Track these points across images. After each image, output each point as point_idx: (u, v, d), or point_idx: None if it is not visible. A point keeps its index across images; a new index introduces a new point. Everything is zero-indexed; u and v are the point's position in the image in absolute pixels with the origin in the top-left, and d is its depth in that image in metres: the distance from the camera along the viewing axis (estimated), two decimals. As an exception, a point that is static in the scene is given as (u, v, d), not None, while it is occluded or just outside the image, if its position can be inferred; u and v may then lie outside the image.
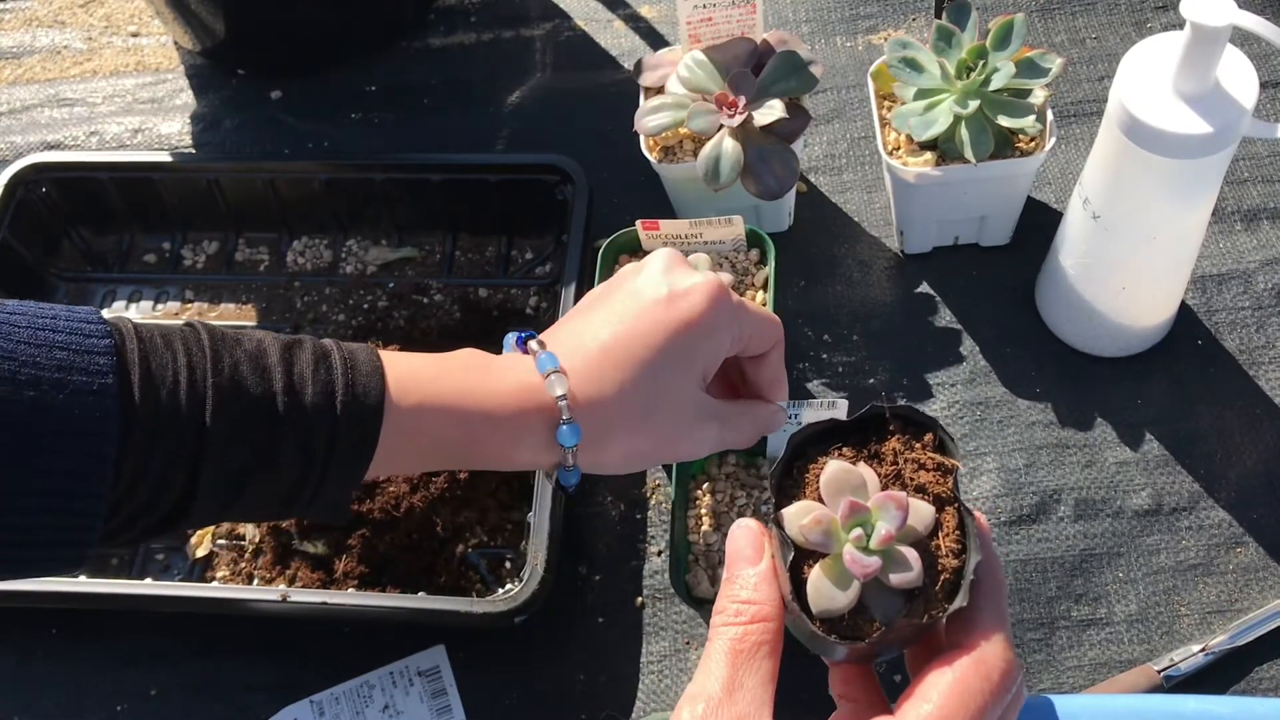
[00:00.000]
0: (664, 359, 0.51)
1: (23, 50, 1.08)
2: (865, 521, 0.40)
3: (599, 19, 1.03)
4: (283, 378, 0.48)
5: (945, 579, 0.40)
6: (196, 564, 0.77)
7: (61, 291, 0.91)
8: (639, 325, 0.52)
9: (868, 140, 0.91)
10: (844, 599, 0.40)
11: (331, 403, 0.48)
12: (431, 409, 0.50)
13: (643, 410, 0.52)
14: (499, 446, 0.52)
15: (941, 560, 0.41)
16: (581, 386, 0.51)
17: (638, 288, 0.54)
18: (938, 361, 0.80)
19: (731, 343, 0.54)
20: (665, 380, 0.52)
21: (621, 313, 0.53)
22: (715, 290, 0.53)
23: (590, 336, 0.53)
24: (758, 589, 0.44)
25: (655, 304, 0.53)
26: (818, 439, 0.44)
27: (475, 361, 0.54)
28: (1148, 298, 0.75)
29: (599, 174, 0.87)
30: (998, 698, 0.40)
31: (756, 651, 0.42)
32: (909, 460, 0.43)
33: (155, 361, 0.45)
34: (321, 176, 0.88)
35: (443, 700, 0.70)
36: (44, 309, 0.45)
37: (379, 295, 0.88)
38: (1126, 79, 0.64)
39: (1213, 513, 0.73)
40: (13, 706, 0.73)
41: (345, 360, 0.50)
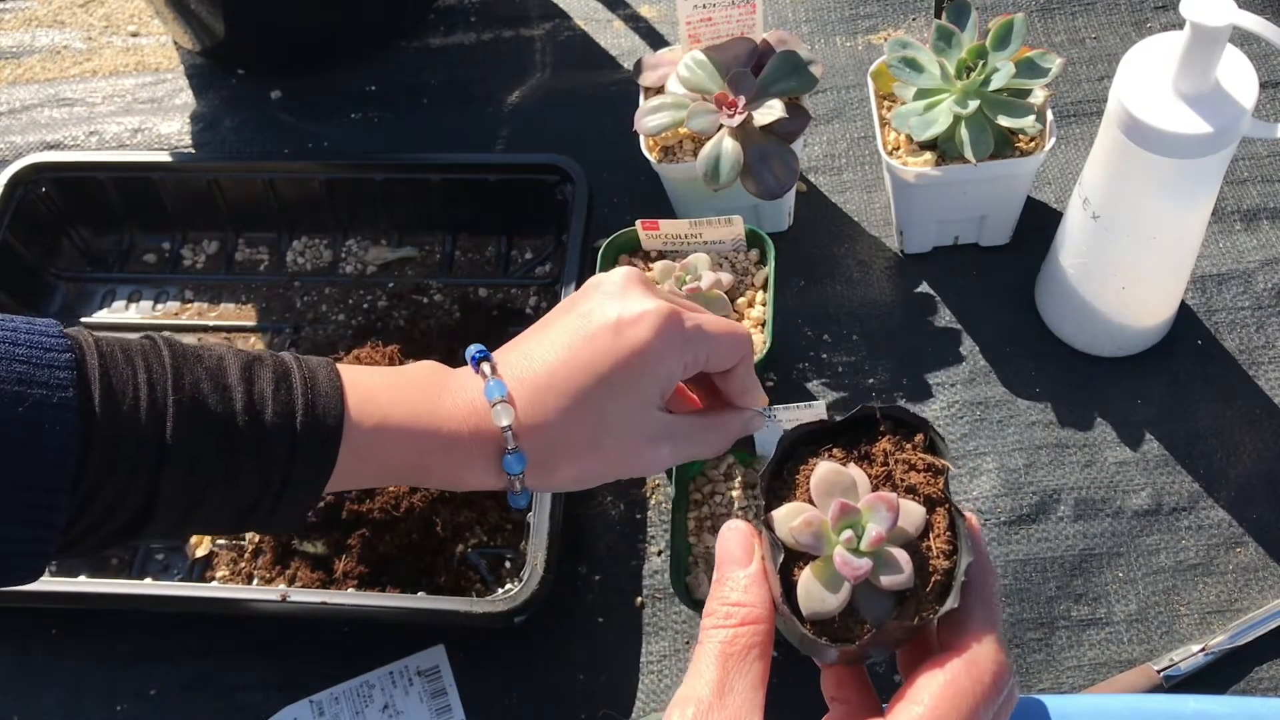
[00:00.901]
0: (608, 388, 0.52)
1: (22, 50, 1.08)
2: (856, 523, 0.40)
3: (599, 19, 1.03)
4: (243, 396, 0.48)
5: (936, 580, 0.40)
6: (196, 564, 0.77)
7: (61, 291, 0.91)
8: (584, 352, 0.52)
9: (868, 140, 0.91)
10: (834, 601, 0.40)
11: (291, 423, 0.49)
12: (389, 430, 0.51)
13: (589, 437, 0.52)
14: (449, 469, 0.53)
15: (932, 561, 0.40)
16: (527, 414, 0.52)
17: (588, 310, 0.54)
18: (937, 361, 0.80)
19: (685, 367, 0.54)
20: (610, 408, 0.52)
21: (569, 338, 0.53)
22: (664, 320, 0.53)
23: (539, 361, 0.53)
24: (748, 591, 0.43)
25: (603, 330, 0.52)
26: (808, 440, 0.44)
27: (432, 381, 0.54)
28: (1148, 298, 0.75)
29: (599, 174, 0.87)
30: (989, 699, 0.40)
31: (747, 654, 0.42)
32: (900, 461, 0.42)
33: (116, 376, 0.46)
34: (321, 176, 0.88)
35: (442, 700, 0.70)
36: (3, 320, 0.45)
37: (379, 295, 0.88)
38: (1126, 79, 0.64)
39: (1212, 512, 0.73)
40: (13, 706, 0.73)
41: (306, 380, 0.50)
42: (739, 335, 0.56)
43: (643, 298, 0.54)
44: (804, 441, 0.44)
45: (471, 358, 0.55)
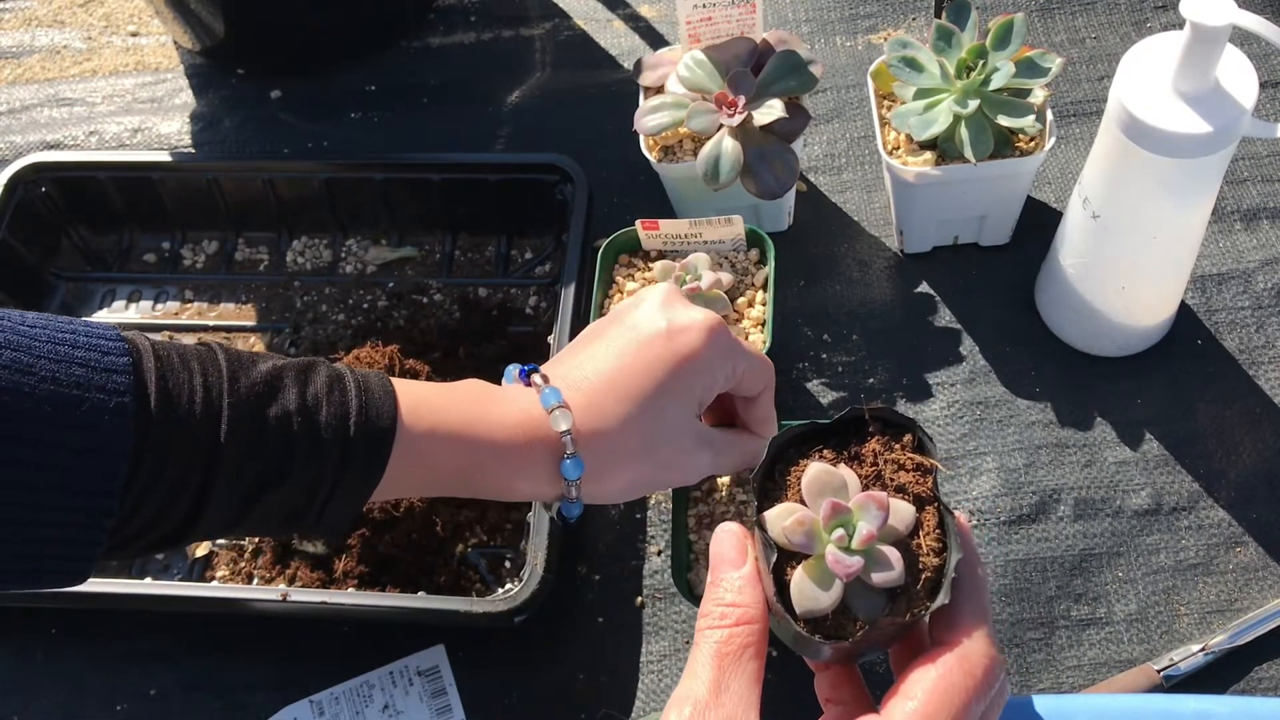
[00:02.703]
0: (664, 392, 0.53)
1: (22, 50, 1.08)
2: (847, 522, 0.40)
3: (598, 18, 1.03)
4: (297, 399, 0.49)
5: (927, 577, 0.40)
6: (196, 564, 0.77)
7: (61, 291, 0.91)
8: (640, 359, 0.53)
9: (867, 140, 0.91)
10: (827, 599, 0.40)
11: (345, 424, 0.49)
12: (441, 436, 0.51)
13: (645, 442, 0.53)
14: (502, 477, 0.53)
15: (923, 559, 0.41)
16: (585, 420, 0.52)
17: (636, 322, 0.55)
18: (937, 361, 0.80)
19: (725, 379, 0.56)
20: (666, 412, 0.53)
21: (622, 347, 0.54)
22: (713, 326, 0.55)
23: (592, 370, 0.54)
24: (742, 592, 0.44)
25: (655, 338, 0.54)
26: (798, 442, 0.44)
27: (480, 392, 0.55)
28: (1147, 297, 0.75)
29: (599, 174, 0.87)
30: (981, 693, 0.40)
31: (742, 654, 0.43)
32: (889, 461, 0.43)
33: (172, 380, 0.46)
34: (321, 176, 0.88)
35: (442, 700, 0.70)
36: (63, 324, 0.45)
37: (379, 295, 0.88)
38: (1126, 78, 0.64)
39: (1212, 512, 0.73)
40: (13, 706, 0.73)
41: (359, 384, 0.51)
42: (768, 362, 0.59)
43: (689, 309, 0.56)
44: (794, 443, 0.44)
45: (521, 371, 0.55)
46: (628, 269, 0.78)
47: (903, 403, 0.79)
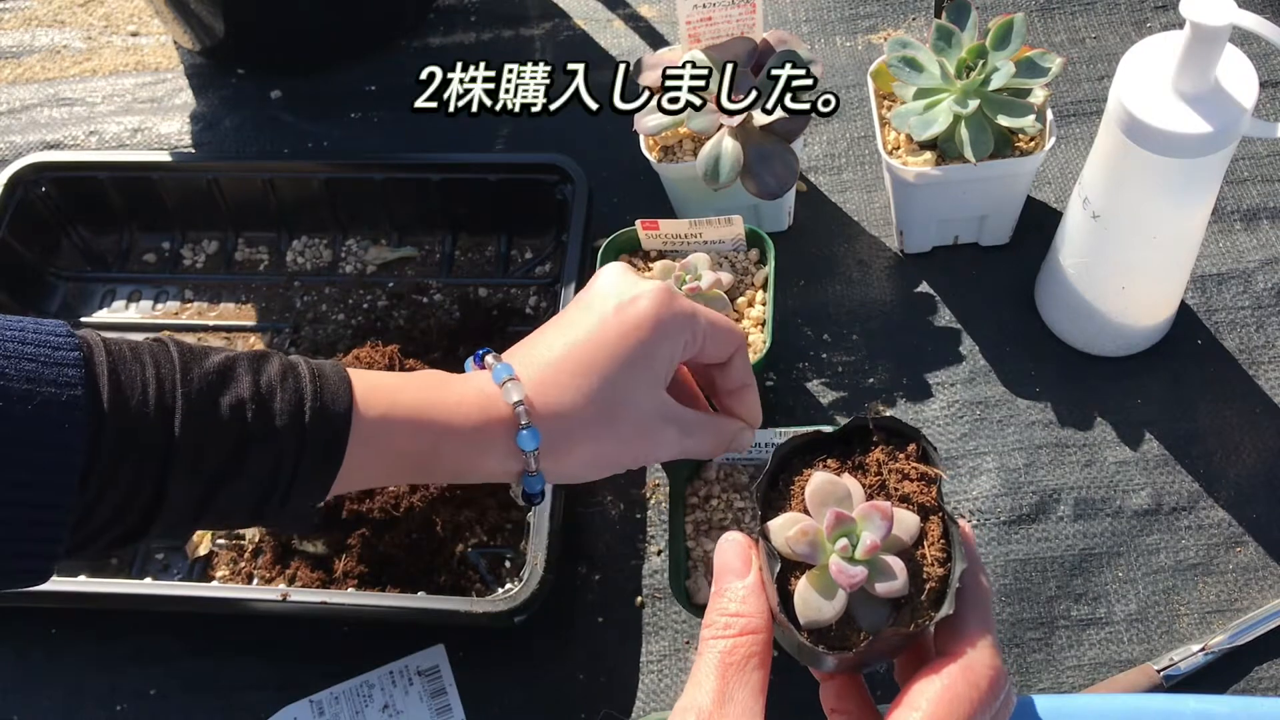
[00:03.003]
0: (620, 364, 0.53)
1: (22, 50, 1.08)
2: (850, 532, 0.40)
3: (598, 18, 1.03)
4: (250, 387, 0.49)
5: (931, 587, 0.40)
6: (196, 563, 0.77)
7: (61, 291, 0.91)
8: (592, 334, 0.54)
9: (867, 140, 0.91)
10: (831, 610, 0.40)
11: (300, 410, 0.49)
12: (397, 420, 0.52)
13: (604, 415, 0.53)
14: (462, 456, 0.53)
15: (927, 569, 0.41)
16: (539, 394, 0.53)
17: (588, 301, 0.56)
18: (937, 361, 0.80)
19: (685, 345, 0.56)
20: (623, 384, 0.53)
21: (573, 324, 0.55)
22: (662, 295, 0.55)
23: (545, 348, 0.54)
24: (746, 601, 0.44)
25: (605, 312, 0.54)
26: (802, 451, 0.44)
27: (436, 378, 0.55)
28: (1147, 297, 0.75)
29: (599, 174, 0.87)
30: (986, 704, 0.40)
31: (746, 664, 0.43)
32: (893, 471, 0.43)
33: (124, 373, 0.46)
34: (321, 176, 0.88)
35: (442, 700, 0.70)
36: (11, 321, 0.45)
37: (379, 295, 0.88)
38: (1126, 78, 0.64)
39: (1212, 512, 0.73)
40: (13, 706, 0.73)
41: (313, 371, 0.51)
42: (733, 326, 0.58)
43: (636, 281, 0.56)
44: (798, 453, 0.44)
45: (475, 357, 0.56)
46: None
47: (903, 403, 0.79)
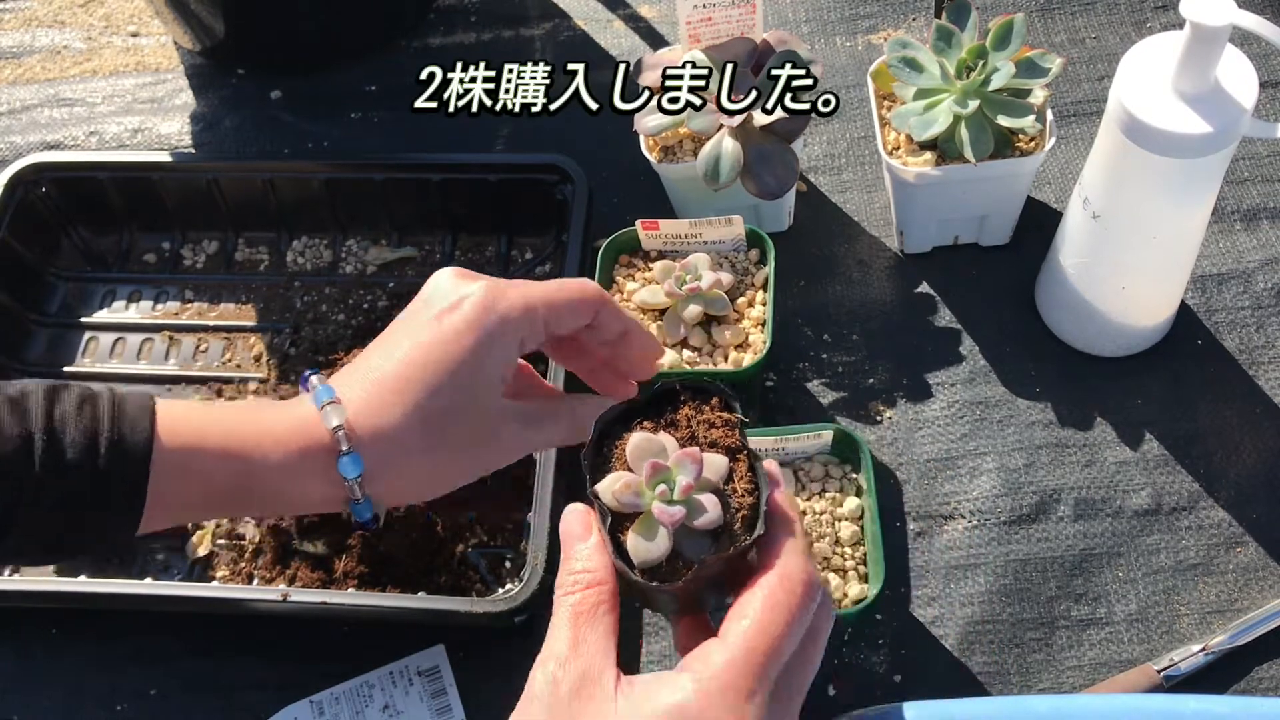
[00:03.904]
0: (441, 375, 0.51)
1: (23, 50, 1.08)
2: (667, 478, 0.45)
3: (599, 19, 1.03)
4: (43, 419, 0.48)
5: (743, 516, 0.45)
6: (196, 564, 0.77)
7: (61, 291, 0.91)
8: (415, 348, 0.52)
9: (867, 140, 0.91)
10: (659, 549, 0.44)
11: (94, 442, 0.48)
12: (209, 450, 0.50)
13: (433, 431, 0.52)
14: (279, 485, 0.51)
15: (738, 500, 0.45)
16: (362, 416, 0.51)
17: (412, 311, 0.54)
18: (937, 361, 0.80)
19: (522, 342, 0.53)
20: (450, 396, 0.52)
21: (396, 339, 0.53)
22: (482, 300, 0.52)
23: (368, 368, 0.52)
24: (589, 559, 0.47)
25: (426, 324, 0.52)
26: (621, 419, 0.48)
27: (254, 406, 0.54)
28: (1148, 297, 0.75)
29: (599, 174, 0.87)
30: (804, 605, 0.44)
31: (595, 611, 0.46)
32: (700, 422, 0.47)
33: None
34: (321, 176, 0.88)
35: (443, 700, 0.70)
36: None
37: (379, 295, 0.88)
38: (1126, 79, 0.64)
39: (1212, 512, 0.73)
40: (13, 706, 0.73)
41: (112, 402, 0.50)
42: (580, 282, 0.55)
43: (459, 285, 0.53)
44: (618, 421, 0.48)
45: (301, 379, 0.54)
46: (628, 269, 0.78)
47: (903, 403, 0.79)
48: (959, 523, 0.74)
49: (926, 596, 0.72)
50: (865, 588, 0.65)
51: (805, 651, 0.45)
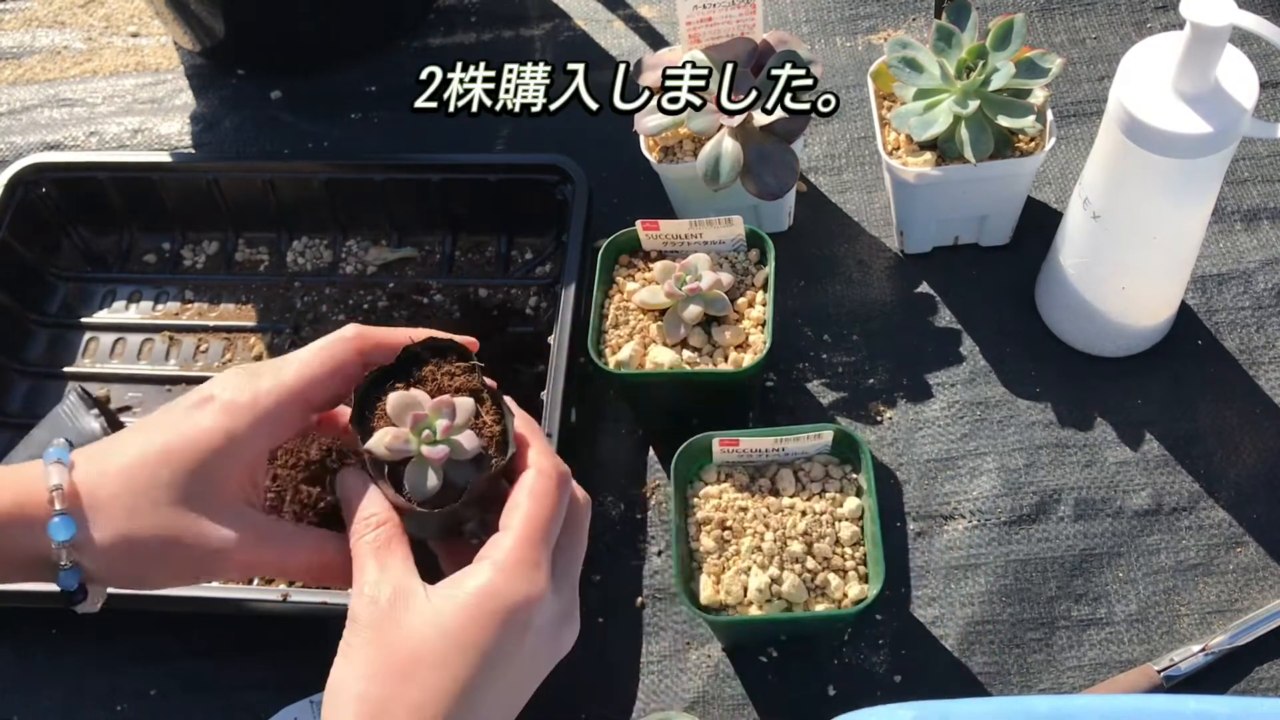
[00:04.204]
0: (171, 464, 0.51)
1: (23, 50, 1.08)
2: (428, 424, 0.53)
3: (599, 19, 1.03)
4: None
5: (496, 441, 0.53)
6: (196, 564, 0.76)
7: (61, 291, 0.91)
8: (159, 433, 0.52)
9: (867, 140, 0.91)
10: (433, 481, 0.52)
11: None
12: None
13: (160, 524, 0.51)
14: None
15: (488, 430, 0.54)
16: (88, 485, 0.51)
17: (175, 402, 0.54)
18: (938, 361, 0.80)
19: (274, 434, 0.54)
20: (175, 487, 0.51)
21: (149, 426, 0.53)
22: (231, 400, 0.53)
23: (115, 445, 0.53)
24: (372, 505, 0.53)
25: (177, 414, 0.53)
26: (375, 384, 0.55)
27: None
28: (1148, 298, 0.75)
29: (599, 174, 0.87)
30: (561, 488, 0.52)
31: (390, 543, 0.52)
32: (444, 374, 0.55)
33: None
34: (321, 176, 0.88)
35: (443, 700, 0.70)
36: None
37: (379, 295, 0.88)
38: (1126, 79, 0.64)
39: (1212, 512, 0.73)
40: (13, 706, 0.73)
41: None
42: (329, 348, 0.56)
43: (222, 379, 0.54)
44: (372, 386, 0.55)
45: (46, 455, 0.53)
46: (628, 269, 0.78)
47: (903, 403, 0.79)
48: (959, 523, 0.74)
49: (926, 597, 0.72)
50: (865, 588, 0.65)
51: (571, 534, 0.54)
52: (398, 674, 0.48)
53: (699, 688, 0.70)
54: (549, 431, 0.72)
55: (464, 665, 0.48)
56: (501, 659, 0.49)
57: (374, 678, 0.49)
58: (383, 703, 0.48)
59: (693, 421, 0.76)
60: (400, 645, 0.49)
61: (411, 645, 0.49)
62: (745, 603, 0.65)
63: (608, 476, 0.78)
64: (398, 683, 0.48)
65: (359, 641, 0.50)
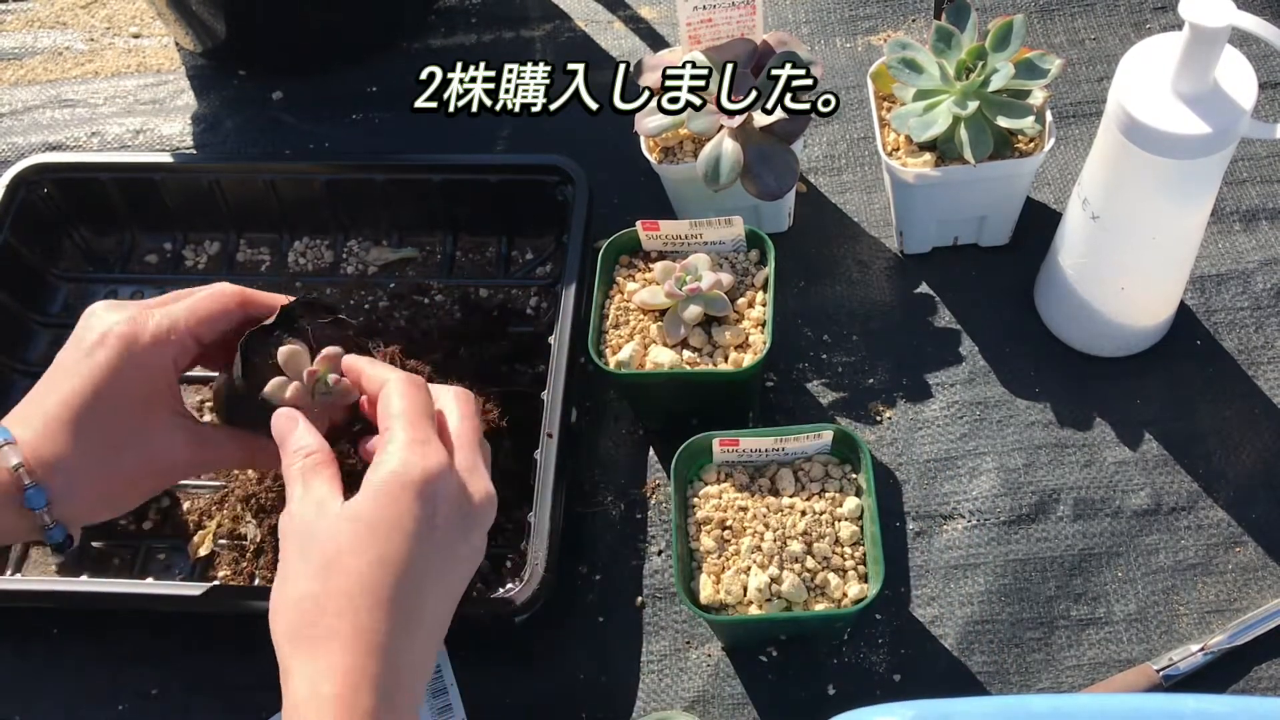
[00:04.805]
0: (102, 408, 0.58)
1: (24, 51, 1.09)
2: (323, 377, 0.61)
3: (599, 20, 1.03)
4: None
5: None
6: (198, 564, 0.77)
7: (63, 292, 0.91)
8: (73, 386, 0.58)
9: (867, 141, 0.92)
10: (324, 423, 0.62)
11: None
12: None
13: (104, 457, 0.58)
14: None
15: None
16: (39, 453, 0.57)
17: (67, 347, 0.60)
18: (937, 361, 0.80)
19: (177, 358, 0.61)
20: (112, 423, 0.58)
21: (56, 379, 0.59)
22: (128, 327, 0.59)
23: (35, 407, 0.58)
24: (304, 437, 0.58)
25: (79, 361, 0.59)
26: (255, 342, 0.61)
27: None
28: (1147, 298, 0.75)
29: (599, 174, 0.87)
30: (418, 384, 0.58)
31: (317, 467, 0.56)
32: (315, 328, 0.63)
33: None
34: (322, 177, 0.88)
35: (443, 700, 0.70)
36: None
37: (380, 296, 0.88)
38: (1125, 80, 0.64)
39: (1211, 512, 0.73)
40: (13, 706, 0.73)
41: None
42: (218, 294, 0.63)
43: (106, 318, 0.60)
44: (254, 344, 0.61)
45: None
46: (628, 270, 0.78)
47: (903, 403, 0.79)
48: (958, 523, 0.74)
49: (926, 596, 0.72)
50: (865, 587, 0.65)
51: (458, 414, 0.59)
52: (324, 569, 0.52)
53: (699, 687, 0.70)
54: (549, 432, 0.72)
55: (384, 544, 0.52)
56: (417, 533, 0.52)
57: (304, 578, 0.52)
58: (315, 599, 0.51)
59: (693, 421, 0.77)
60: (324, 544, 0.52)
61: (333, 542, 0.52)
62: (745, 602, 0.65)
63: (608, 476, 0.78)
64: (327, 577, 0.51)
65: (287, 555, 0.54)
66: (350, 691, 0.49)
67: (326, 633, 0.50)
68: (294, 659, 0.51)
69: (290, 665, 0.51)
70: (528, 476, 0.73)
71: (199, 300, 0.63)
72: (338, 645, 0.50)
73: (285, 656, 0.51)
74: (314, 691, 0.50)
